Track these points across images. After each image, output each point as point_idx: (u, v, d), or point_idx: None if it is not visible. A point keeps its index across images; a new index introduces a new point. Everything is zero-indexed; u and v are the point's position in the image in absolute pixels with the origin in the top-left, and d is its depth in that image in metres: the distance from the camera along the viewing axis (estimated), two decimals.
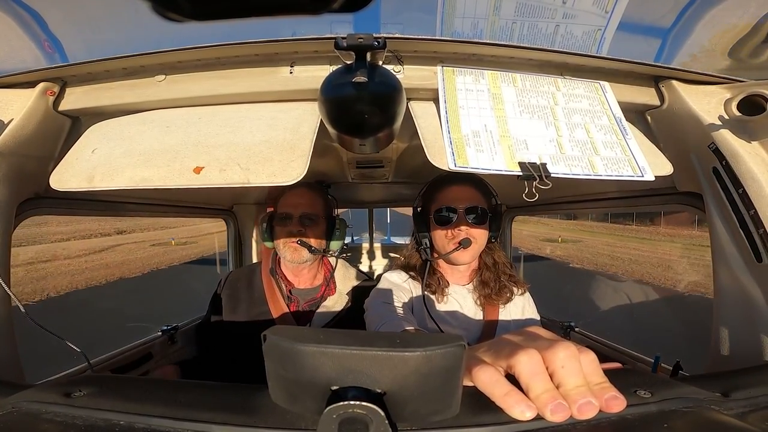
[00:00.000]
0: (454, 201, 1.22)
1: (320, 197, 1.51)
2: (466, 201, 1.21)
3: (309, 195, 1.47)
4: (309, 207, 1.44)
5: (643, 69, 0.93)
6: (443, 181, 1.28)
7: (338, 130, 0.81)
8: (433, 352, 0.37)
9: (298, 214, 1.43)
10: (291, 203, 1.45)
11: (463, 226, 1.20)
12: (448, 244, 1.22)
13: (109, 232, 17.86)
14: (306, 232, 1.41)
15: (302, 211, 1.43)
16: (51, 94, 0.90)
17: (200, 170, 0.76)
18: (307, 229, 1.42)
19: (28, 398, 0.53)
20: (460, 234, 1.20)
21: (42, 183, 0.96)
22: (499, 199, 1.31)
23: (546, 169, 0.76)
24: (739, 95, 0.83)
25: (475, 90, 0.87)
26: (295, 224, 1.42)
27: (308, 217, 1.43)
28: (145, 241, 17.84)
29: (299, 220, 1.42)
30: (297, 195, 1.46)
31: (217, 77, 0.91)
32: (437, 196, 1.26)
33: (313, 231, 1.43)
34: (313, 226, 1.43)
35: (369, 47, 0.70)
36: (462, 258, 1.23)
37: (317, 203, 1.48)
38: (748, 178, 0.80)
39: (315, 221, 1.44)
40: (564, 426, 0.44)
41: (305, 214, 1.43)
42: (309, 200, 1.46)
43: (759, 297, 0.81)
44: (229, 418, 0.47)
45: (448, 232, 1.22)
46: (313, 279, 1.53)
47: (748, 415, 0.49)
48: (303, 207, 1.44)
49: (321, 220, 1.46)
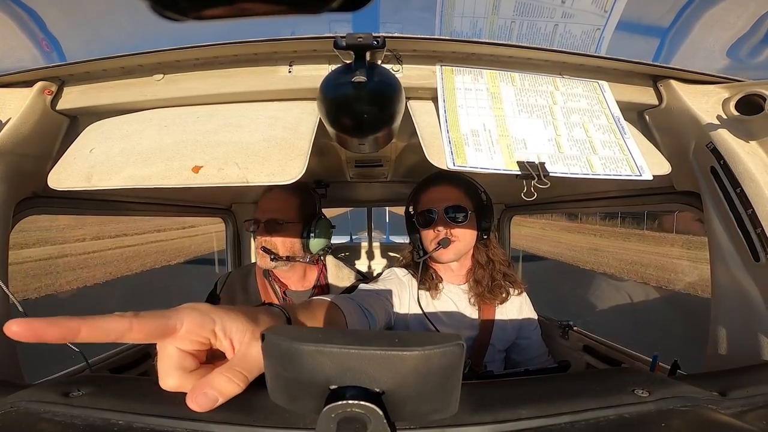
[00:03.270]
0: (433, 202, 1.25)
1: (295, 199, 1.46)
2: (444, 201, 1.24)
3: (280, 199, 1.44)
4: (275, 212, 1.40)
5: (641, 68, 0.93)
6: (426, 183, 1.32)
7: (337, 129, 0.81)
8: (432, 351, 0.37)
9: (264, 220, 1.40)
10: (261, 208, 1.43)
11: (441, 227, 1.23)
12: (431, 244, 1.25)
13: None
14: (271, 239, 1.38)
15: (268, 216, 1.40)
16: (48, 93, 0.90)
17: (198, 169, 0.76)
18: (273, 235, 1.39)
19: (27, 398, 0.53)
20: (440, 234, 1.23)
21: (40, 182, 0.96)
22: (487, 196, 1.31)
23: (544, 169, 0.76)
24: (738, 95, 0.83)
25: (474, 89, 0.87)
26: (261, 230, 1.39)
27: (274, 222, 1.39)
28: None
29: (264, 226, 1.40)
30: (267, 200, 1.44)
31: (216, 76, 0.91)
32: (420, 198, 1.30)
33: (279, 236, 1.39)
34: (280, 231, 1.40)
35: (368, 46, 0.70)
36: (443, 256, 1.25)
37: (287, 207, 1.43)
38: (746, 177, 0.80)
39: (281, 226, 1.40)
40: (562, 425, 0.44)
41: (270, 219, 1.39)
42: (278, 205, 1.42)
43: (756, 296, 0.81)
44: (228, 417, 0.47)
45: (430, 233, 1.25)
46: (302, 279, 1.51)
47: (746, 414, 0.49)
48: (269, 212, 1.41)
49: (289, 225, 1.41)
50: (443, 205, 1.23)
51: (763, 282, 0.80)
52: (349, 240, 4.96)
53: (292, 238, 1.42)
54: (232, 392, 0.40)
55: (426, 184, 1.31)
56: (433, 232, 1.24)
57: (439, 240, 1.21)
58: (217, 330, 0.43)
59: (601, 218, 21.67)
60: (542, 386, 0.58)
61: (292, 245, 1.41)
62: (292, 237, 1.42)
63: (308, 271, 1.53)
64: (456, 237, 1.22)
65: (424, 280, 1.26)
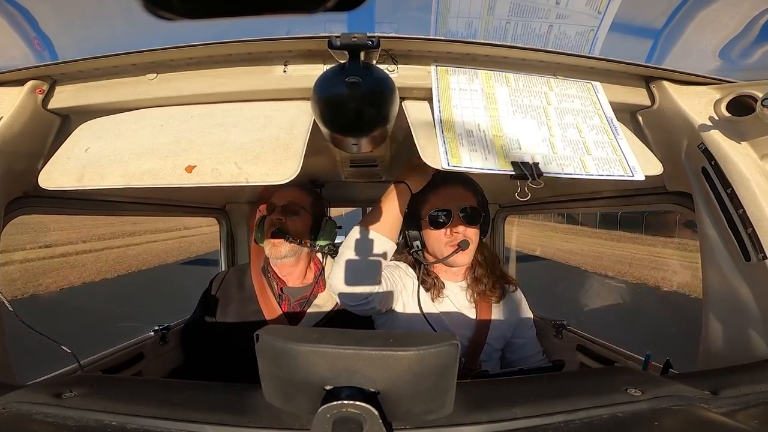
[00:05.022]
0: (448, 201, 1.20)
1: (309, 194, 1.53)
2: (460, 201, 1.19)
3: (297, 189, 1.50)
4: (293, 198, 1.46)
5: (634, 69, 0.94)
6: (434, 181, 1.22)
7: (331, 129, 0.81)
8: (427, 351, 0.37)
9: (282, 204, 1.45)
10: (277, 196, 1.48)
11: (459, 228, 1.18)
12: (445, 246, 1.20)
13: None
14: (286, 222, 1.42)
15: (286, 200, 1.45)
16: (40, 93, 0.89)
17: (192, 169, 0.76)
18: (288, 219, 1.43)
19: (19, 399, 0.52)
20: (458, 236, 1.17)
21: (31, 182, 0.95)
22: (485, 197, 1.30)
23: (538, 169, 0.76)
24: (729, 96, 0.84)
25: (469, 89, 0.87)
26: (277, 213, 1.43)
27: (291, 207, 1.44)
28: None
29: (281, 210, 1.44)
30: (283, 189, 1.48)
31: (210, 76, 0.91)
32: (429, 196, 1.22)
33: (294, 222, 1.43)
34: (295, 217, 1.44)
35: (363, 46, 0.69)
36: (461, 260, 1.21)
37: (304, 197, 1.50)
38: (737, 178, 0.81)
39: (298, 213, 1.45)
40: (556, 424, 0.44)
41: (289, 203, 1.44)
42: (295, 193, 1.48)
43: (747, 295, 0.82)
44: (223, 418, 0.47)
45: (444, 234, 1.20)
46: (303, 277, 1.52)
47: (737, 413, 0.49)
48: (287, 198, 1.46)
49: (305, 214, 1.47)
50: (459, 204, 1.19)
51: (754, 281, 0.81)
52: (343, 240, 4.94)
53: (304, 227, 1.46)
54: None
55: (435, 182, 1.21)
56: (446, 233, 1.19)
57: (460, 242, 1.16)
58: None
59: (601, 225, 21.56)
60: (536, 386, 0.58)
61: (303, 234, 1.45)
62: (304, 226, 1.46)
63: (310, 266, 1.55)
64: (471, 239, 1.19)
65: (424, 279, 1.24)
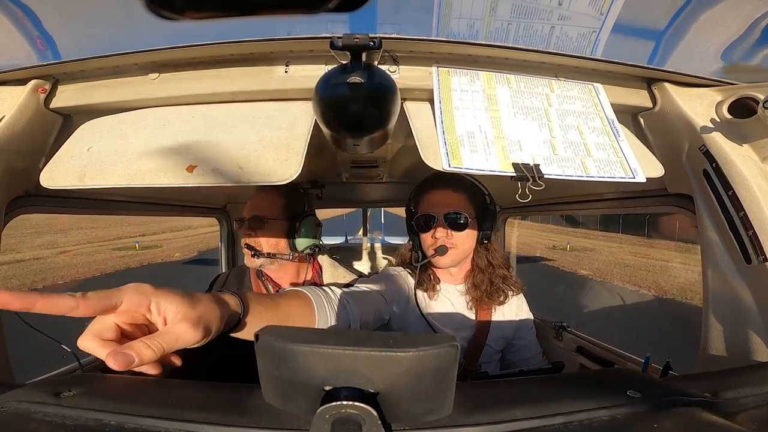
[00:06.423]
0: (433, 206, 1.22)
1: (280, 198, 1.44)
2: (444, 207, 1.21)
3: (265, 197, 1.43)
4: (260, 209, 1.40)
5: (635, 71, 0.94)
6: (426, 184, 1.28)
7: (332, 130, 0.81)
8: (426, 352, 0.37)
9: (249, 217, 1.39)
10: (247, 206, 1.43)
11: (439, 233, 1.20)
12: (428, 249, 1.23)
13: None
14: (255, 236, 1.38)
15: (252, 213, 1.39)
16: (42, 92, 0.89)
17: (193, 169, 0.76)
18: (257, 231, 1.38)
19: (18, 398, 0.52)
20: (438, 240, 1.20)
21: (32, 181, 0.95)
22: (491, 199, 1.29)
23: (539, 170, 0.76)
24: (731, 98, 0.84)
25: (470, 91, 0.87)
26: (245, 228, 1.39)
27: (257, 219, 1.39)
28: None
29: (249, 224, 1.39)
30: (254, 198, 1.43)
31: (212, 76, 0.91)
32: (421, 199, 1.27)
33: (263, 233, 1.39)
34: (263, 228, 1.39)
35: (364, 47, 0.69)
36: (441, 263, 1.23)
37: (272, 205, 1.41)
38: (738, 180, 0.81)
39: (265, 223, 1.39)
40: (556, 426, 0.44)
41: (254, 216, 1.39)
42: (262, 203, 1.41)
43: (748, 298, 0.82)
44: (222, 418, 0.47)
45: (428, 237, 1.23)
46: (297, 278, 1.49)
47: (737, 416, 0.49)
48: (254, 210, 1.40)
49: (274, 223, 1.40)
50: (443, 210, 1.20)
51: (755, 284, 0.81)
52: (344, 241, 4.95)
53: (276, 236, 1.40)
54: (148, 357, 0.44)
55: (428, 184, 1.28)
56: (431, 237, 1.22)
57: (436, 247, 1.19)
58: (152, 308, 0.49)
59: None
60: (536, 387, 0.58)
61: (276, 243, 1.40)
62: (276, 235, 1.40)
63: (300, 270, 1.52)
64: (454, 244, 1.20)
65: (422, 280, 1.25)
